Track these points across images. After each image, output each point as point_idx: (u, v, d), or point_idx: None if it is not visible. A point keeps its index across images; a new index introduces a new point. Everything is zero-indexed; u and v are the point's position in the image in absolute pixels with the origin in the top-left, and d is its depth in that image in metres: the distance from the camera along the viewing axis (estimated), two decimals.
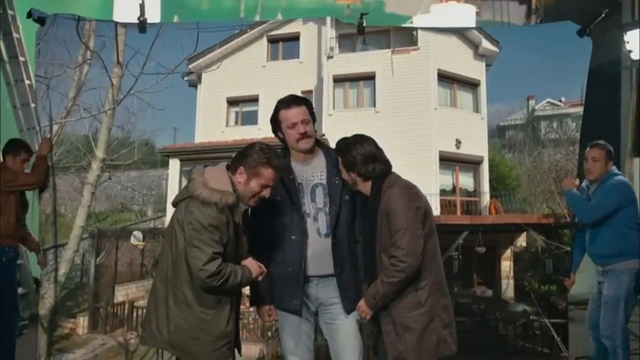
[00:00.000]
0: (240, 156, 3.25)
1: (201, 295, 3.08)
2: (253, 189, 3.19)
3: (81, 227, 8.27)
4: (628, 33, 6.31)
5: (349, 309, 3.57)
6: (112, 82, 7.45)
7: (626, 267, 4.82)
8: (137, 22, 5.72)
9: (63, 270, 8.08)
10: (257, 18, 6.14)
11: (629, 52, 6.33)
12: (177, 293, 3.10)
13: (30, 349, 6.58)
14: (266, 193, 3.23)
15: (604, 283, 4.96)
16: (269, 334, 13.30)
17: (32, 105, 6.81)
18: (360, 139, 3.57)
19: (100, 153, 8.04)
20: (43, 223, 7.23)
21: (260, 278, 3.32)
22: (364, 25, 6.10)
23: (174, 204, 3.26)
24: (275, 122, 3.58)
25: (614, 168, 4.99)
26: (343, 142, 3.57)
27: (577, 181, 5.20)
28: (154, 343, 3.29)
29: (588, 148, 5.00)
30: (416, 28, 10.82)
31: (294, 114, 3.54)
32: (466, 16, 6.57)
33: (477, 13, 6.48)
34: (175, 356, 3.24)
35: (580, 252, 5.33)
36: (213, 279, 2.96)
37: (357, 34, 6.36)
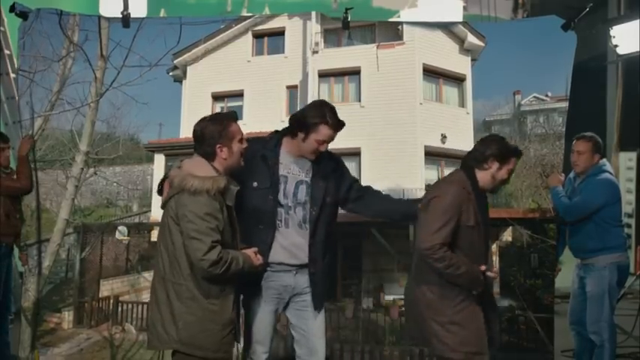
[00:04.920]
0: (208, 141, 3.29)
1: (206, 287, 3.09)
2: (237, 150, 3.29)
3: (65, 221, 8.21)
4: (614, 27, 6.32)
5: (318, 306, 3.74)
6: (95, 76, 7.39)
7: (607, 261, 4.86)
8: (121, 16, 5.68)
9: (47, 263, 8.04)
10: (244, 12, 6.10)
11: (615, 46, 6.34)
12: (180, 290, 3.10)
13: (15, 344, 6.55)
14: (244, 142, 3.34)
15: (586, 279, 4.98)
16: None
17: (16, 98, 6.75)
18: None
19: (83, 147, 7.99)
20: (27, 219, 7.16)
21: (260, 268, 3.38)
22: (349, 19, 6.07)
23: (164, 204, 3.25)
24: (307, 125, 3.56)
25: (602, 161, 5.00)
26: None
27: (562, 177, 5.22)
28: (163, 345, 3.26)
29: (575, 141, 5.03)
30: (401, 23, 10.77)
31: (331, 137, 3.63)
32: (453, 11, 6.58)
33: (464, 7, 6.47)
34: (186, 353, 3.18)
35: (563, 245, 5.37)
36: (215, 267, 2.98)
37: (342, 28, 6.31)
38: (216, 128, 3.26)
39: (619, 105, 6.27)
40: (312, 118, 3.55)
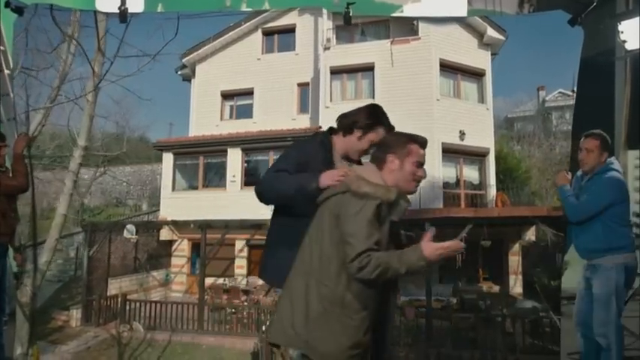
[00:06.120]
0: (383, 147, 3.16)
1: (349, 298, 2.90)
2: (409, 169, 3.09)
3: (63, 216, 8.17)
4: (622, 22, 6.20)
5: None
6: (93, 69, 7.35)
7: (614, 262, 4.72)
8: (118, 11, 5.61)
9: (45, 258, 8.00)
10: (243, 7, 5.96)
11: (624, 42, 6.21)
12: (323, 291, 2.92)
13: (9, 346, 6.44)
14: (421, 172, 3.14)
15: (593, 280, 4.86)
16: (263, 328, 13.24)
17: (11, 95, 6.68)
18: None
19: (82, 141, 7.94)
20: (37, 218, 7.09)
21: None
22: (351, 14, 5.97)
23: (326, 198, 3.15)
24: (366, 125, 3.52)
25: (610, 160, 4.88)
26: None
27: (569, 175, 5.10)
28: (287, 343, 3.03)
29: (583, 138, 4.90)
30: (416, 18, 10.63)
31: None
32: (457, 6, 6.42)
33: (468, 2, 6.33)
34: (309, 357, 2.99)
35: (569, 245, 5.27)
36: (362, 273, 2.81)
37: (344, 24, 6.16)
38: (397, 139, 3.16)
39: (627, 102, 6.12)
40: (374, 118, 3.52)
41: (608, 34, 6.25)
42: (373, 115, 3.51)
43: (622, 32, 6.19)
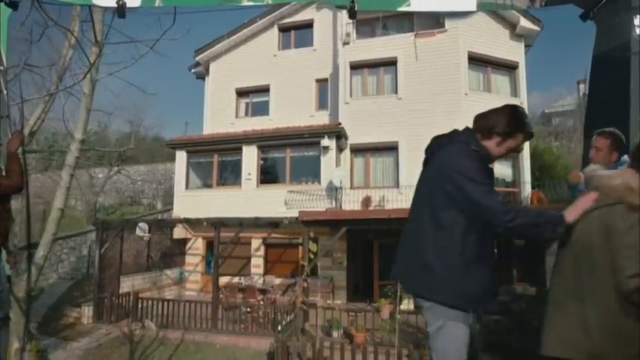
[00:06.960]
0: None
1: (627, 308, 2.82)
2: None
3: (59, 210, 8.07)
4: (638, 16, 6.01)
5: None
6: (89, 61, 7.25)
7: None
8: (116, 5, 5.48)
9: (42, 253, 7.91)
10: (244, 2, 5.82)
11: (639, 36, 6.03)
12: (600, 302, 2.87)
13: (3, 349, 6.32)
14: None
15: None
16: (279, 327, 13.12)
17: (4, 92, 6.59)
18: None
19: (78, 134, 7.85)
20: (30, 218, 6.99)
21: None
22: (356, 8, 5.79)
23: (590, 210, 3.02)
24: (507, 131, 3.43)
25: (623, 158, 4.72)
26: None
27: (582, 175, 4.93)
28: (566, 353, 3.00)
29: (595, 136, 4.78)
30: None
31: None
32: None
33: None
34: None
35: None
36: (636, 294, 2.75)
37: (349, 18, 6.00)
38: None
39: None
40: (515, 125, 3.42)
41: (623, 28, 6.06)
42: (513, 122, 3.39)
43: (638, 26, 6.02)
